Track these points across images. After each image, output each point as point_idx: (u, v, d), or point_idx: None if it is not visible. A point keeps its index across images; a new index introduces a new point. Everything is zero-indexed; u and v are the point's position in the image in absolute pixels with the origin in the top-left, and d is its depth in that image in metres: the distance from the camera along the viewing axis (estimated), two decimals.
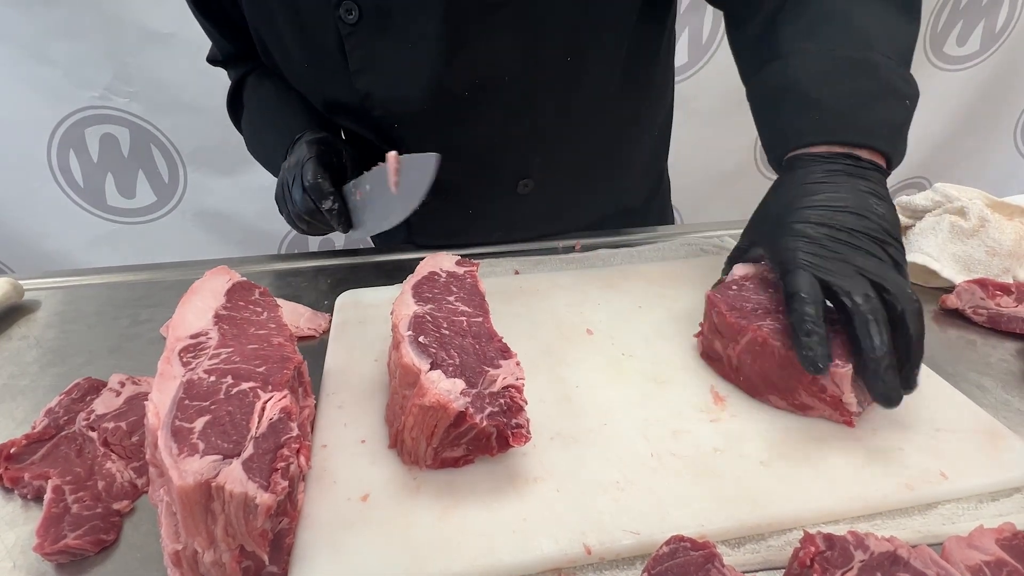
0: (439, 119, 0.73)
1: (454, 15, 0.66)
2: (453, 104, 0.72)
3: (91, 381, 0.59)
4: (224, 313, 0.52)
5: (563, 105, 0.76)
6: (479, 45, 0.68)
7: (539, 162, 0.80)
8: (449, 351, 0.50)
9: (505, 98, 0.73)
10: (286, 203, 0.72)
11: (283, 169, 0.73)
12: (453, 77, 0.70)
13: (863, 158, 0.55)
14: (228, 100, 0.90)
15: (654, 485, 0.47)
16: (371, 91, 0.72)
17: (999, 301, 0.67)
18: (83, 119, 1.45)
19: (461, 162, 0.76)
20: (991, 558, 0.39)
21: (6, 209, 1.52)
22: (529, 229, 0.86)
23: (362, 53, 0.70)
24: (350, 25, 0.67)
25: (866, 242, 0.51)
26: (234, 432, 0.41)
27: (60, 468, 0.50)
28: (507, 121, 0.75)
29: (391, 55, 0.69)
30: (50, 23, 1.32)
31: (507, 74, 0.71)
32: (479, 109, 0.73)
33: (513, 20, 0.67)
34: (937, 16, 1.66)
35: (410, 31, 0.67)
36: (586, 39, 0.71)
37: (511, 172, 0.80)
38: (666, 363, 0.60)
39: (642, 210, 0.95)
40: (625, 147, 0.86)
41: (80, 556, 0.45)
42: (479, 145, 0.77)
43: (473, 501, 0.46)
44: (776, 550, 0.43)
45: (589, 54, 0.73)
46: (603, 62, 0.75)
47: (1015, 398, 0.57)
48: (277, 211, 0.75)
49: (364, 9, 0.66)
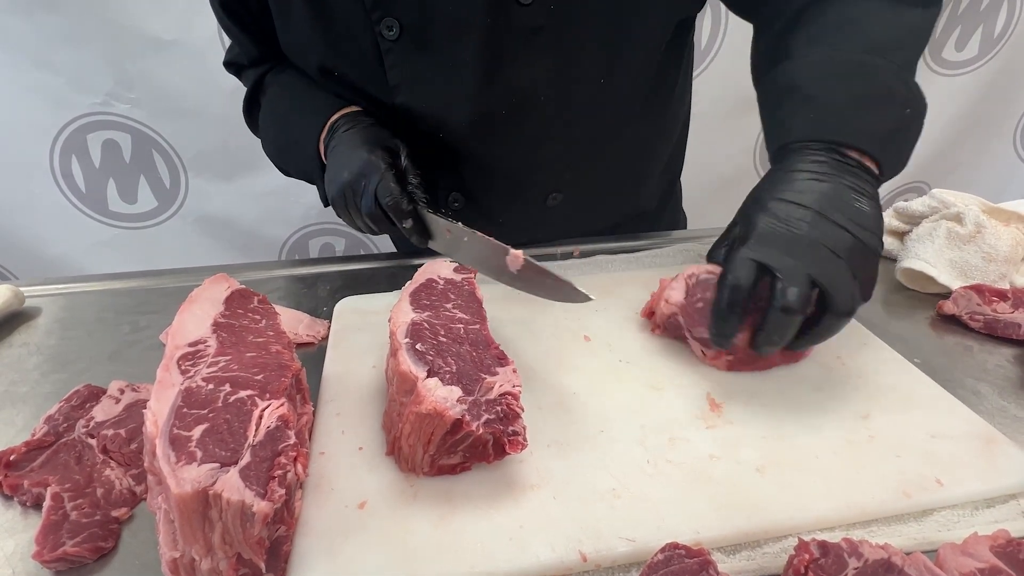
0: (476, 135, 0.75)
1: (494, 38, 0.67)
2: (490, 122, 0.73)
3: (91, 388, 0.59)
4: (223, 321, 0.53)
5: (594, 123, 0.78)
6: (517, 67, 0.70)
7: (569, 177, 0.82)
8: (446, 358, 0.50)
9: (540, 117, 0.75)
10: (348, 208, 0.70)
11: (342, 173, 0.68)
12: (491, 97, 0.71)
13: (852, 157, 0.55)
14: (246, 103, 0.88)
15: (650, 492, 0.47)
16: (410, 106, 0.73)
17: (995, 307, 0.67)
18: (85, 125, 1.46)
19: (495, 176, 0.77)
20: (985, 565, 0.39)
21: (8, 215, 1.53)
22: (551, 235, 0.88)
23: (401, 70, 0.71)
24: (390, 41, 0.68)
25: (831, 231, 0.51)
26: (232, 440, 0.41)
27: (59, 475, 0.50)
28: (541, 139, 0.77)
29: (430, 73, 0.70)
30: (52, 30, 1.33)
31: (543, 95, 0.73)
32: (515, 127, 0.75)
33: (550, 44, 0.69)
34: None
35: (450, 51, 0.69)
36: (618, 61, 0.73)
37: (542, 186, 0.82)
38: (663, 370, 0.60)
39: (656, 213, 0.96)
40: (647, 158, 0.89)
41: (78, 563, 0.45)
42: (514, 161, 0.79)
43: (470, 508, 0.46)
44: (771, 557, 0.43)
45: (620, 75, 0.75)
46: (633, 82, 0.77)
47: (1011, 404, 0.57)
48: (277, 216, 0.75)
49: (405, 26, 0.67)
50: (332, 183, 0.71)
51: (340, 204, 0.70)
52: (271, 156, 0.88)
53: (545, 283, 0.58)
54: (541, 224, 0.86)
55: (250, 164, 1.54)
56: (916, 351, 0.64)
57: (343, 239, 1.71)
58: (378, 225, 0.69)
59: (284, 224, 1.64)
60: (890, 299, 0.75)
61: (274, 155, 0.88)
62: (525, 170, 0.80)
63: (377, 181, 0.65)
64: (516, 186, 0.81)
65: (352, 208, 0.69)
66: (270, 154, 0.88)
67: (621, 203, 0.91)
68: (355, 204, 0.68)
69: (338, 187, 0.69)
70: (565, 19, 0.68)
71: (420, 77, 0.71)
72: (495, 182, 0.78)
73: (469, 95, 0.71)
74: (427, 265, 0.64)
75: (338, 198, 0.70)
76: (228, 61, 0.90)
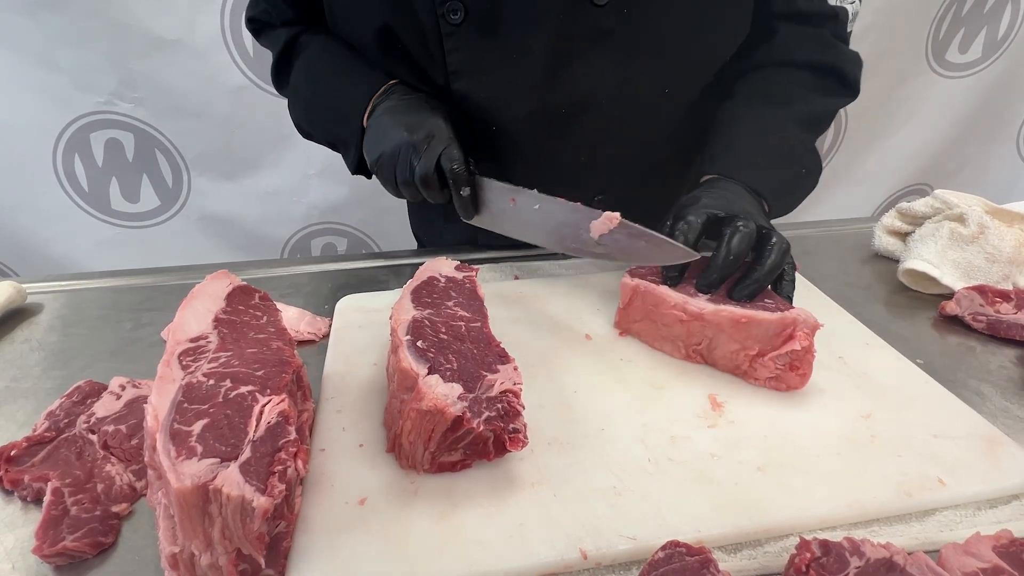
0: (533, 130, 0.74)
1: (564, 35, 0.67)
2: (549, 119, 0.73)
3: (92, 384, 0.59)
4: (224, 317, 0.53)
5: (652, 132, 0.79)
6: (583, 67, 0.70)
7: (618, 180, 0.82)
8: (447, 356, 0.50)
9: (599, 119, 0.75)
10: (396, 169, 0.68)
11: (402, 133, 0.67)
12: (553, 94, 0.71)
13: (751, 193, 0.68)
14: (276, 63, 0.84)
15: (651, 491, 0.47)
16: (469, 94, 0.72)
17: (998, 308, 0.67)
18: (88, 124, 1.46)
19: (546, 173, 0.77)
20: (988, 565, 0.39)
21: (11, 213, 1.53)
22: None
23: (463, 56, 0.69)
24: (453, 25, 0.67)
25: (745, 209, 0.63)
26: (232, 435, 0.41)
27: (60, 471, 0.50)
28: (596, 141, 0.77)
29: (494, 63, 0.70)
30: (56, 29, 1.34)
31: (605, 97, 0.73)
32: (573, 126, 0.75)
33: (619, 47, 0.69)
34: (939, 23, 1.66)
35: (517, 42, 0.68)
36: (682, 73, 0.74)
37: (591, 187, 0.82)
38: (664, 369, 0.60)
39: None
40: (688, 168, 0.89)
41: (78, 558, 0.45)
42: (567, 159, 0.78)
43: (470, 505, 0.46)
44: (773, 556, 0.43)
45: (681, 87, 0.76)
46: (691, 96, 0.78)
47: (1014, 405, 0.57)
48: (279, 216, 0.75)
49: (470, 11, 0.66)
50: (386, 140, 0.68)
51: (389, 164, 0.68)
52: (298, 116, 0.85)
53: (637, 247, 0.60)
54: None
55: (253, 164, 1.54)
56: (919, 352, 0.64)
57: (345, 239, 1.71)
58: (428, 190, 0.66)
59: (286, 224, 1.64)
60: (893, 300, 0.75)
61: (302, 115, 0.85)
62: (574, 170, 0.80)
63: (443, 146, 0.65)
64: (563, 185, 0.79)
65: (405, 167, 0.67)
66: (298, 114, 0.85)
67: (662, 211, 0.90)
68: (408, 164, 0.66)
69: (394, 144, 0.67)
70: (636, 25, 0.68)
71: (482, 66, 0.70)
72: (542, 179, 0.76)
73: (531, 90, 0.70)
74: (428, 263, 0.64)
75: (389, 157, 0.68)
76: (252, 17, 0.86)
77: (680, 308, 0.59)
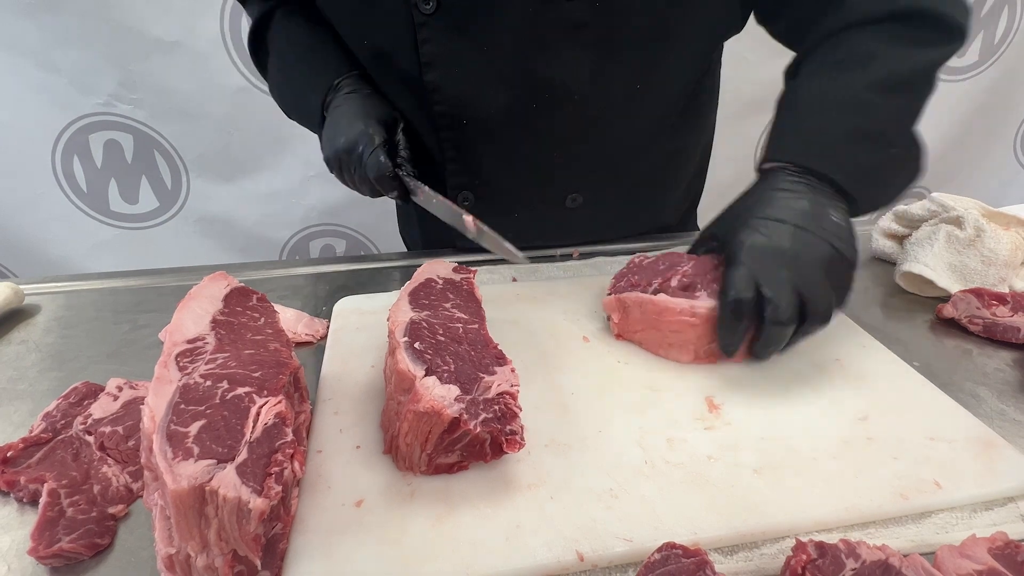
0: (505, 124, 0.74)
1: (535, 29, 0.67)
2: (521, 113, 0.73)
3: (89, 385, 0.59)
4: (221, 318, 0.53)
5: (625, 129, 0.78)
6: (556, 61, 0.69)
7: (592, 178, 0.81)
8: (444, 357, 0.50)
9: (573, 115, 0.74)
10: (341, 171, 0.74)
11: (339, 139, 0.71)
12: (526, 88, 0.71)
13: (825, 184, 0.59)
14: (249, 38, 0.84)
15: (648, 493, 0.47)
16: (440, 86, 0.72)
17: (995, 311, 0.67)
18: (87, 125, 1.47)
19: (517, 169, 0.77)
20: (983, 567, 0.39)
21: (10, 214, 1.53)
22: (568, 241, 0.87)
23: (435, 47, 0.69)
24: (425, 15, 0.67)
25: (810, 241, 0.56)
26: (229, 437, 0.41)
27: (56, 472, 0.50)
28: (569, 137, 0.76)
29: (465, 55, 0.69)
30: (56, 31, 1.34)
31: (578, 92, 0.72)
32: (546, 121, 0.74)
33: (592, 42, 0.69)
34: None
35: (488, 35, 0.68)
36: (657, 70, 0.73)
37: (563, 185, 0.81)
38: (661, 371, 0.60)
39: (677, 228, 0.95)
40: (672, 171, 0.88)
41: (74, 560, 0.45)
42: (538, 155, 0.78)
43: (467, 507, 0.46)
44: (769, 558, 0.43)
45: (658, 84, 0.75)
46: (668, 93, 0.77)
47: (1010, 408, 0.57)
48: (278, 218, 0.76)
49: (443, 1, 0.66)
50: (328, 145, 0.74)
51: (335, 166, 0.74)
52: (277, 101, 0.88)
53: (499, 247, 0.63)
54: (559, 227, 0.85)
55: (251, 166, 1.55)
56: (915, 354, 0.64)
57: (343, 240, 1.71)
58: (364, 188, 0.73)
59: (285, 226, 1.64)
60: (889, 302, 0.75)
61: (279, 102, 0.87)
62: (549, 166, 0.79)
63: (369, 153, 0.69)
64: (537, 180, 0.80)
65: (345, 171, 0.73)
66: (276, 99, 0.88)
67: (642, 214, 0.90)
68: (349, 169, 0.72)
69: (333, 151, 0.72)
70: (608, 18, 0.67)
71: (453, 57, 0.70)
72: (516, 174, 0.77)
73: (503, 83, 0.70)
74: (426, 265, 0.64)
75: (332, 160, 0.73)
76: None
77: (689, 313, 0.59)
